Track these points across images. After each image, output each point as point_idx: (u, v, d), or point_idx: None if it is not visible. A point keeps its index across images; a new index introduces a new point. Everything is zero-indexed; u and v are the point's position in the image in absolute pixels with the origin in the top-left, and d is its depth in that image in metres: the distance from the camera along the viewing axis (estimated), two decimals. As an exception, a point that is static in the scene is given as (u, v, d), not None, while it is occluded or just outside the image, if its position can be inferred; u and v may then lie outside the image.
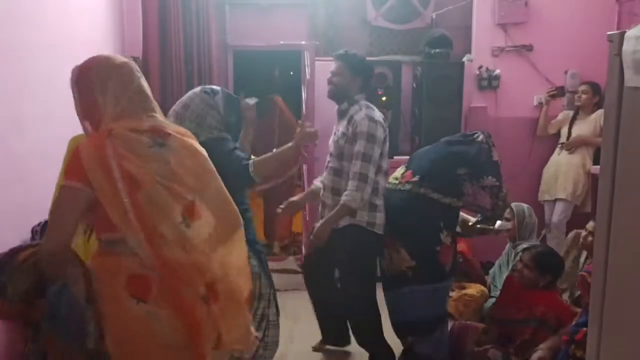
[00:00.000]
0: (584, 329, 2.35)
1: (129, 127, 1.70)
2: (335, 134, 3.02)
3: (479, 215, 3.15)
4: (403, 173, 3.08)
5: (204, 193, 1.80)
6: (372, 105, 2.98)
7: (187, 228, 1.70)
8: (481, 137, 3.06)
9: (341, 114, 2.97)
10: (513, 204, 3.52)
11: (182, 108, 2.52)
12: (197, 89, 2.59)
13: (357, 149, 2.83)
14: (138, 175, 1.65)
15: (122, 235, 1.66)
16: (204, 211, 1.77)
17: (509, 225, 3.45)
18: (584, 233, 3.13)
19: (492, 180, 2.97)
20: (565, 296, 3.33)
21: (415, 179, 2.97)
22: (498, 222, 3.28)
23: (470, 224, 3.22)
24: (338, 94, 2.95)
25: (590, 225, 3.08)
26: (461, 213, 3.14)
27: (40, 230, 2.68)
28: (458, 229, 3.16)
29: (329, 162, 3.06)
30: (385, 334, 3.09)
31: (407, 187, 2.98)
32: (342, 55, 2.97)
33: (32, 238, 2.69)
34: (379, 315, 3.06)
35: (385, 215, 2.97)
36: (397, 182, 3.06)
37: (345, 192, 2.83)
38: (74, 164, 1.66)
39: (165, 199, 1.68)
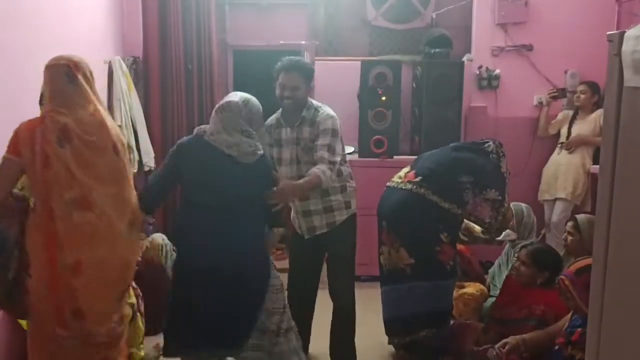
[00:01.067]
0: (579, 329, 2.36)
1: (54, 119, 2.16)
2: (293, 144, 2.92)
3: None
4: (407, 172, 3.11)
5: (101, 192, 2.22)
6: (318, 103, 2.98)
7: (73, 210, 2.16)
8: (491, 147, 3.06)
9: (302, 121, 2.90)
10: (512, 204, 3.52)
11: (242, 102, 2.57)
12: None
13: (322, 142, 2.77)
14: (51, 158, 2.14)
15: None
16: (95, 207, 2.20)
17: (514, 235, 3.44)
18: (564, 235, 3.12)
19: (495, 194, 2.97)
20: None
21: (417, 179, 3.00)
22: (505, 231, 3.28)
23: (474, 233, 3.24)
24: (299, 106, 2.89)
25: (569, 225, 3.08)
26: (466, 220, 3.15)
27: None
28: (465, 238, 3.17)
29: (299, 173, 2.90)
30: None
31: (408, 186, 3.01)
32: (295, 66, 2.88)
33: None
34: None
35: (384, 212, 3.08)
36: (400, 180, 3.09)
37: (318, 167, 2.71)
38: (14, 140, 2.16)
39: (65, 182, 2.15)
